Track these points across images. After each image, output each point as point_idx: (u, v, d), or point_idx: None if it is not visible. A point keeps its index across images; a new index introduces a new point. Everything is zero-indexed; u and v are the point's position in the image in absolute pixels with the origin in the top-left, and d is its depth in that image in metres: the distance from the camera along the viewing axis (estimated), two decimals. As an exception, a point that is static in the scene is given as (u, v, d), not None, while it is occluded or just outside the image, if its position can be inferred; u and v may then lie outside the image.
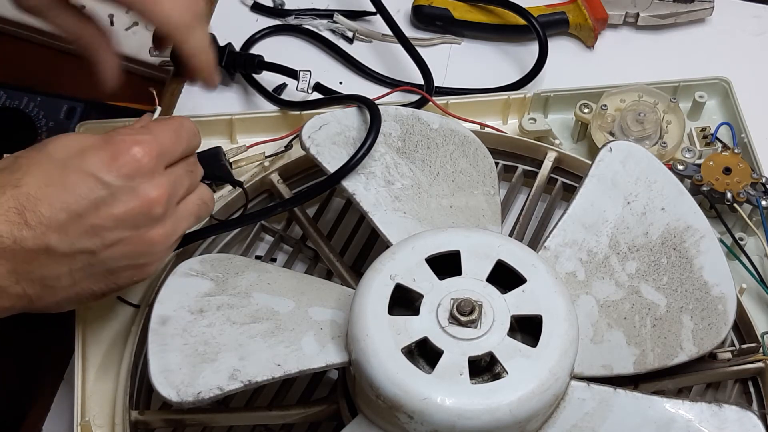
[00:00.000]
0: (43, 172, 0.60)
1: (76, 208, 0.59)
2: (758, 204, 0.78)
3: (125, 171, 0.61)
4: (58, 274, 0.60)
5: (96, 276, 0.62)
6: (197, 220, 0.67)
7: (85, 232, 0.60)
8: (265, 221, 0.80)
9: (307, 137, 0.73)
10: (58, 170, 0.60)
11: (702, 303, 0.69)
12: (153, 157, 0.62)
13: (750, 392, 0.72)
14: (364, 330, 0.61)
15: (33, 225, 0.58)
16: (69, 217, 0.59)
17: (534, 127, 0.83)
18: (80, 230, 0.60)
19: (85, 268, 0.61)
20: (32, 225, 0.58)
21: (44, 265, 0.60)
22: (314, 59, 0.92)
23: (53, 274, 0.60)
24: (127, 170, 0.61)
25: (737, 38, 0.95)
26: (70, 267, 0.61)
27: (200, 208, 0.67)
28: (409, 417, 0.60)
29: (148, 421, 0.69)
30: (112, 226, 0.61)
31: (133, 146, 0.61)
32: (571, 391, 0.64)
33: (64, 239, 0.59)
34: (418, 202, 0.72)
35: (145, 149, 0.62)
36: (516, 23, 0.92)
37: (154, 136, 0.63)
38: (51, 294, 0.61)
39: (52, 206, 0.59)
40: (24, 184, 0.59)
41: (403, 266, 0.64)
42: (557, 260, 0.69)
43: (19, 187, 0.59)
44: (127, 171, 0.61)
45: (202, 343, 0.63)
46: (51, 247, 0.59)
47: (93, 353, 0.72)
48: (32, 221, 0.58)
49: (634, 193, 0.72)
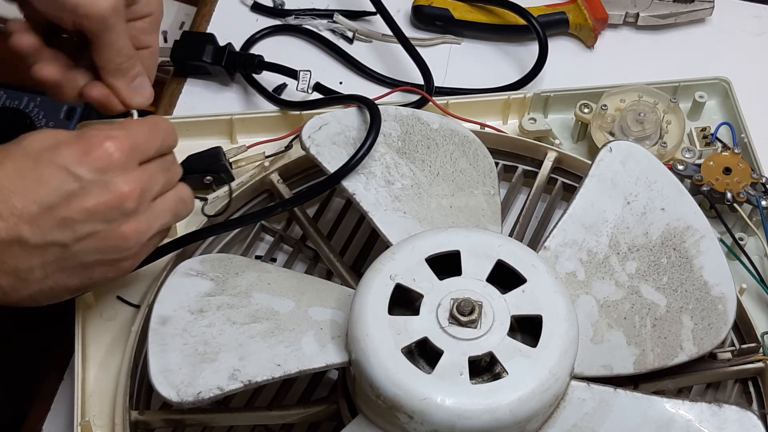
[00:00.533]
0: (16, 165, 0.60)
1: (48, 200, 0.60)
2: (758, 204, 0.78)
3: (97, 165, 0.61)
4: (30, 266, 0.61)
5: (69, 270, 0.62)
6: (175, 218, 0.67)
7: (56, 224, 0.60)
8: (265, 221, 0.80)
9: (307, 137, 0.73)
10: (31, 163, 0.60)
11: (702, 303, 0.69)
12: (125, 152, 0.62)
13: (750, 392, 0.73)
14: (364, 330, 0.61)
15: (5, 216, 0.59)
16: (40, 209, 0.60)
17: (534, 127, 0.83)
18: (52, 222, 0.60)
19: (58, 261, 0.61)
20: (4, 216, 0.59)
21: (17, 256, 0.60)
22: (314, 59, 0.92)
23: (26, 266, 0.61)
24: (100, 164, 0.61)
25: (737, 38, 0.95)
26: (42, 259, 0.61)
27: (178, 206, 0.67)
28: (409, 417, 0.60)
29: (148, 421, 0.69)
30: (84, 219, 0.61)
31: (106, 141, 0.62)
32: (571, 391, 0.64)
33: (35, 231, 0.60)
34: (418, 202, 0.72)
35: (117, 144, 0.62)
36: (516, 23, 0.92)
37: (127, 132, 0.63)
38: (24, 286, 0.61)
39: (25, 198, 0.60)
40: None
41: (403, 266, 0.64)
42: (557, 260, 0.69)
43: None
44: (99, 165, 0.61)
45: (202, 343, 0.63)
46: (23, 238, 0.60)
47: (93, 353, 0.72)
48: (4, 212, 0.59)
49: (634, 193, 0.72)
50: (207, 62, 0.88)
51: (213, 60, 0.88)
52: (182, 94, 0.89)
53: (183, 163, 0.78)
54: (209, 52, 0.88)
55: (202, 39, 0.89)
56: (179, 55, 0.89)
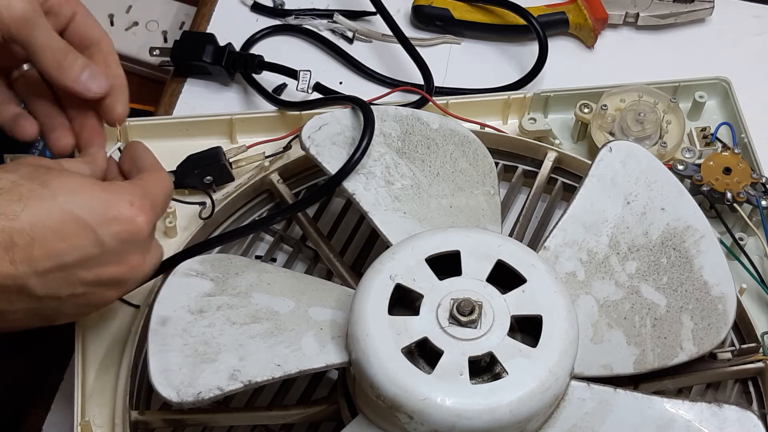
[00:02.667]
0: (43, 211, 0.58)
1: (67, 260, 0.59)
2: (758, 204, 0.78)
3: (122, 236, 0.60)
4: (17, 309, 0.59)
5: (44, 317, 0.61)
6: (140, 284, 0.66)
7: (65, 283, 0.59)
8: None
9: (307, 137, 0.73)
10: (59, 212, 0.58)
11: (702, 303, 0.69)
12: (148, 225, 0.62)
13: (750, 392, 0.73)
14: (364, 330, 0.61)
15: (17, 263, 0.57)
16: (55, 266, 0.58)
17: (534, 127, 0.83)
18: (62, 281, 0.59)
19: (43, 309, 0.60)
20: (17, 263, 0.57)
21: (11, 301, 0.59)
22: (314, 59, 0.92)
23: (14, 309, 0.59)
24: (125, 235, 0.60)
25: (737, 38, 0.95)
26: (32, 306, 0.60)
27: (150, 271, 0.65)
28: (409, 417, 0.60)
29: (148, 421, 0.69)
30: (90, 283, 0.60)
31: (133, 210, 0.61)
32: (571, 391, 0.64)
33: (43, 284, 0.59)
34: (418, 202, 0.72)
35: (144, 216, 0.61)
36: (516, 23, 0.92)
37: (152, 201, 0.62)
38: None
39: (43, 250, 0.58)
40: (21, 220, 0.57)
41: (403, 266, 0.64)
42: (557, 260, 0.69)
43: (15, 220, 0.57)
44: (124, 236, 0.60)
45: (202, 344, 0.63)
46: (28, 288, 0.58)
47: (93, 353, 0.72)
48: (18, 259, 0.57)
49: (634, 193, 0.72)
50: (207, 62, 0.88)
51: (213, 60, 0.88)
52: (182, 94, 0.89)
53: (183, 163, 0.78)
54: (209, 52, 0.88)
55: (202, 39, 0.89)
56: (179, 55, 0.89)
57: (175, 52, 0.89)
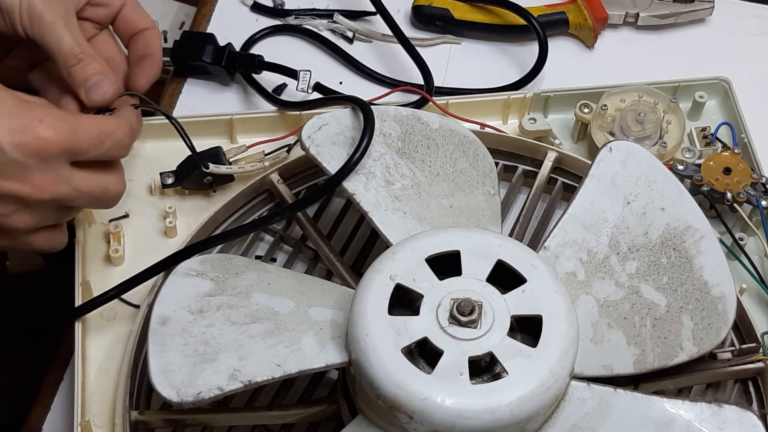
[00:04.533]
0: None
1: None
2: (758, 204, 0.78)
3: (27, 149, 0.61)
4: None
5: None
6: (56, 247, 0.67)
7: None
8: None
9: (307, 137, 0.73)
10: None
11: (702, 303, 0.69)
12: (60, 148, 0.62)
13: (750, 392, 0.73)
14: (364, 330, 0.61)
15: None
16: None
17: (534, 127, 0.83)
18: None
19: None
20: None
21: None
22: (314, 59, 0.92)
23: None
24: (29, 148, 0.61)
25: (737, 38, 0.95)
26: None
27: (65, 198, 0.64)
28: (409, 417, 0.60)
29: (148, 421, 0.69)
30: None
31: (48, 128, 0.61)
32: (571, 391, 0.64)
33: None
34: (418, 202, 0.72)
35: (57, 137, 0.61)
36: (516, 23, 0.92)
37: (73, 129, 0.63)
38: None
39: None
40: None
41: (403, 266, 0.64)
42: (557, 260, 0.69)
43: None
44: (28, 149, 0.61)
45: (202, 343, 0.63)
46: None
47: (93, 353, 0.72)
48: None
49: (634, 193, 0.72)
50: (207, 62, 0.88)
51: (213, 60, 0.88)
52: (182, 94, 0.89)
53: (183, 162, 0.78)
54: (209, 52, 0.88)
55: (202, 39, 0.89)
56: (179, 55, 0.89)
57: (175, 52, 0.89)
